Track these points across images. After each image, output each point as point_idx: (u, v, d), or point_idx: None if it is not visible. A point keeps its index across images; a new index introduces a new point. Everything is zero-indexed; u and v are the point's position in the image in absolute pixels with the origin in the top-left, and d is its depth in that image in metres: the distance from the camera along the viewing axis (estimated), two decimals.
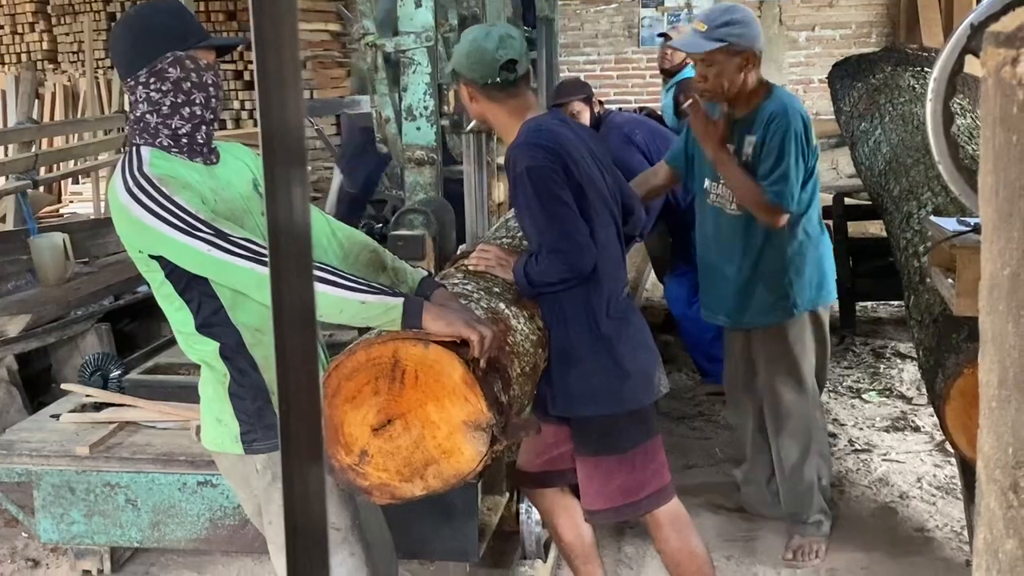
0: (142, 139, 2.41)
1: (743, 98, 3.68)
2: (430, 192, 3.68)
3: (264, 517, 2.57)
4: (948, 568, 3.80)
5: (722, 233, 3.80)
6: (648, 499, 3.07)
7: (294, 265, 0.91)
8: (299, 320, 0.93)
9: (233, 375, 2.46)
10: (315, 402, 0.94)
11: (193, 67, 2.40)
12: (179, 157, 2.40)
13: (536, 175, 2.83)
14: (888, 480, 4.57)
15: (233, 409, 2.47)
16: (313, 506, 0.93)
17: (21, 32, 12.26)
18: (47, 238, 5.59)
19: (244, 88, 10.92)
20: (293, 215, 0.92)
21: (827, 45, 10.47)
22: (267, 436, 2.46)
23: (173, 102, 2.38)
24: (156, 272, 2.38)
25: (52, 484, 3.48)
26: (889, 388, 5.75)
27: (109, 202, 2.40)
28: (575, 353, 2.94)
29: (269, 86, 0.90)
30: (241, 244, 2.25)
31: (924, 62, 5.81)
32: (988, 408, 0.88)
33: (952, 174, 2.26)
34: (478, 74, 2.92)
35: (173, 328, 2.51)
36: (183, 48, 2.39)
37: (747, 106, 3.68)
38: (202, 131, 2.44)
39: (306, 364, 0.94)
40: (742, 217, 3.71)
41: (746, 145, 3.66)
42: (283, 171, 0.90)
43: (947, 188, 4.08)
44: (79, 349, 5.27)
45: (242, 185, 2.51)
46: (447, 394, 2.37)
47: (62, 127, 10.51)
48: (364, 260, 2.65)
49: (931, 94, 2.13)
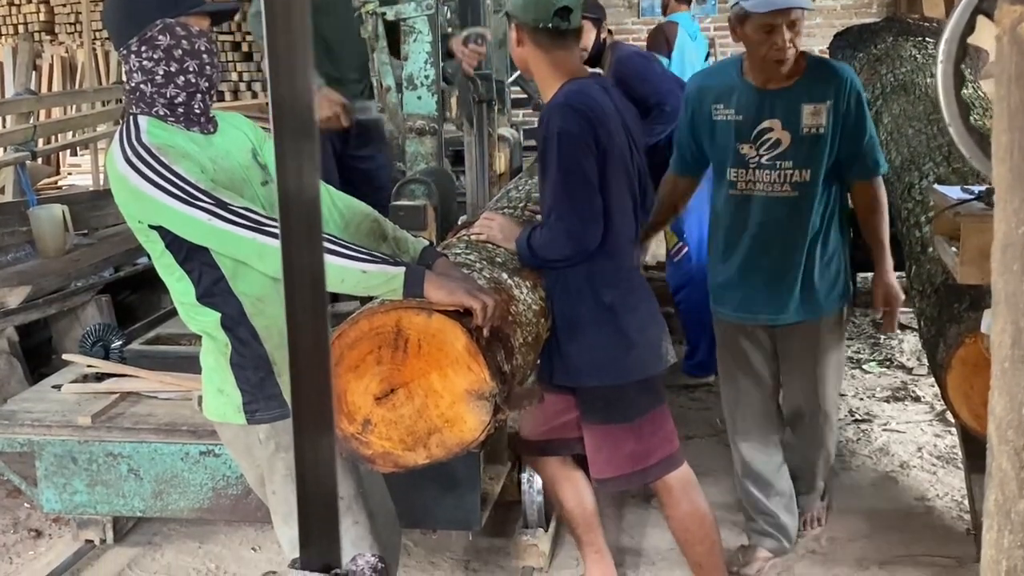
0: (138, 108, 2.39)
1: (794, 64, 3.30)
2: (431, 162, 3.66)
3: (268, 487, 2.57)
4: (948, 537, 3.82)
5: (769, 222, 3.36)
6: (657, 466, 3.08)
7: (304, 232, 0.91)
8: (309, 287, 0.93)
9: (235, 345, 2.45)
10: (325, 368, 0.94)
11: (184, 34, 2.36)
12: (176, 126, 2.39)
13: (566, 140, 2.80)
14: (888, 450, 4.59)
15: (235, 379, 2.47)
16: (323, 471, 0.93)
17: (18, 3, 12.21)
18: (46, 210, 5.57)
19: (242, 60, 10.88)
20: (303, 183, 0.92)
21: (828, 15, 10.41)
22: (269, 407, 2.46)
23: (167, 71, 2.36)
24: (156, 243, 2.37)
25: (54, 454, 3.49)
26: (889, 359, 5.76)
27: (108, 172, 2.39)
28: (579, 324, 2.94)
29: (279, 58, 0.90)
30: (241, 213, 2.24)
31: (926, 32, 5.77)
32: (1000, 369, 0.88)
33: (963, 136, 2.25)
34: (531, 15, 2.89)
35: (174, 299, 2.50)
36: (173, 15, 2.36)
37: (794, 72, 3.29)
38: (197, 99, 2.41)
39: (316, 330, 0.94)
40: (794, 200, 3.33)
41: (805, 115, 3.26)
42: (292, 141, 0.91)
43: (949, 158, 4.08)
44: (79, 321, 5.27)
45: (241, 155, 2.49)
46: (450, 363, 2.37)
47: (60, 98, 10.47)
48: (365, 230, 2.64)
49: (942, 55, 2.11)
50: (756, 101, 3.31)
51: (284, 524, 2.57)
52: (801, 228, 3.34)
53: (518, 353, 2.63)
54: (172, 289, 2.48)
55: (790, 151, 3.29)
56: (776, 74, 3.27)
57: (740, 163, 3.36)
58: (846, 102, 3.26)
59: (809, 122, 3.26)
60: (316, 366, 0.93)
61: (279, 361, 2.43)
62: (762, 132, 3.31)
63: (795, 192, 3.31)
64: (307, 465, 0.93)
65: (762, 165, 3.32)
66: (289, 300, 0.93)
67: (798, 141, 3.28)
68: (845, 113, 3.26)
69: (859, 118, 3.29)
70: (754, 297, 3.45)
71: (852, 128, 3.29)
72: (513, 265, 2.92)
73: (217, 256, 2.37)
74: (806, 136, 3.27)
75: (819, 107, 3.26)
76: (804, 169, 3.29)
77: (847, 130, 3.28)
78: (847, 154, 3.31)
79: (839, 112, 3.26)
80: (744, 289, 3.46)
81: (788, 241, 3.36)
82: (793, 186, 3.31)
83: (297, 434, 0.92)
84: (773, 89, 3.30)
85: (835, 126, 3.26)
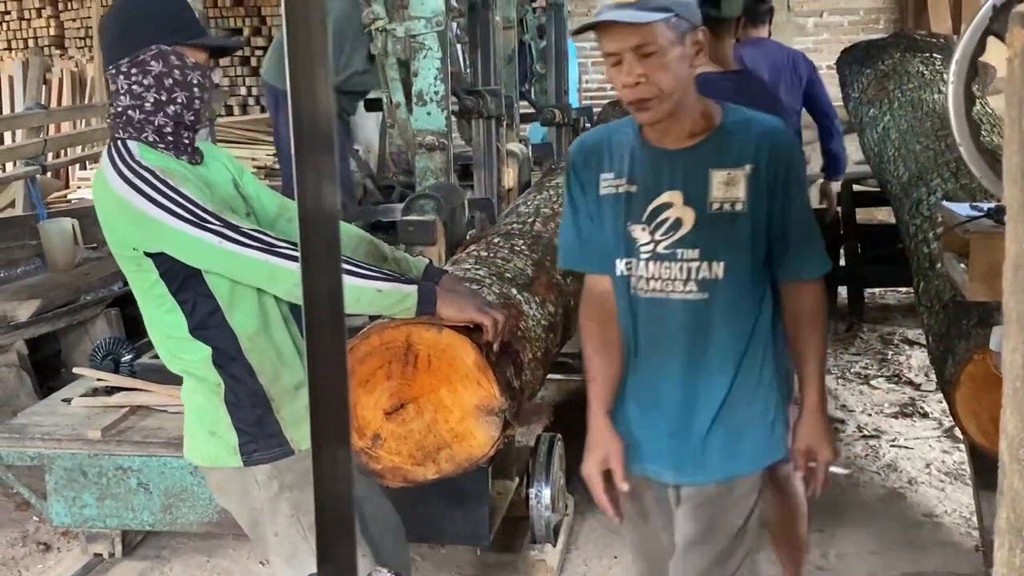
0: (126, 133, 2.30)
1: (690, 112, 2.25)
2: (440, 177, 3.68)
3: (269, 528, 2.45)
4: (957, 553, 3.81)
5: (667, 338, 2.31)
6: None
7: (324, 246, 0.92)
8: (327, 301, 0.94)
9: (228, 383, 2.35)
10: (343, 383, 0.95)
11: (178, 64, 2.28)
12: (166, 153, 2.30)
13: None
14: (897, 466, 4.58)
15: (231, 419, 2.36)
16: (341, 486, 0.94)
17: (28, 18, 12.26)
18: (56, 223, 5.60)
19: (251, 75, 10.91)
20: (321, 197, 0.93)
21: (835, 31, 10.44)
22: (269, 445, 2.37)
23: (156, 99, 2.27)
24: (148, 272, 2.28)
25: (64, 468, 3.50)
26: (897, 374, 5.76)
27: (97, 198, 2.31)
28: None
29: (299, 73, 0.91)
30: (252, 235, 2.20)
31: (933, 48, 5.79)
32: (1013, 388, 0.89)
33: (973, 156, 2.25)
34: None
35: (158, 333, 2.40)
36: (170, 42, 2.27)
37: (703, 126, 2.27)
38: (183, 133, 2.33)
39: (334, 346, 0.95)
40: (702, 306, 2.27)
41: (715, 186, 2.23)
42: (312, 155, 0.92)
43: (956, 174, 4.09)
44: (88, 334, 5.29)
45: (225, 186, 2.42)
46: (460, 378, 2.38)
47: (70, 112, 10.51)
48: (363, 252, 2.59)
49: (952, 76, 2.12)
50: (653, 166, 2.28)
51: (287, 566, 2.46)
52: (715, 347, 2.30)
53: (527, 369, 2.64)
54: (160, 322, 2.37)
55: (693, 235, 2.24)
56: (665, 128, 2.25)
57: (630, 252, 2.30)
58: (773, 169, 2.23)
59: (720, 195, 2.23)
60: (335, 381, 0.94)
61: (276, 396, 2.36)
62: (658, 209, 2.26)
63: (703, 293, 2.26)
64: (325, 480, 0.94)
65: (658, 255, 2.27)
66: (308, 314, 0.94)
67: (705, 222, 2.24)
68: (771, 184, 2.23)
69: (792, 192, 2.27)
70: (650, 442, 2.38)
71: (782, 206, 2.26)
72: (522, 280, 2.94)
73: (213, 286, 2.29)
74: (716, 215, 2.23)
75: (734, 174, 2.23)
76: (715, 262, 2.25)
77: (775, 209, 2.25)
78: (776, 243, 2.28)
79: (762, 182, 2.23)
80: (640, 429, 2.38)
81: (696, 365, 2.31)
82: (701, 285, 2.26)
83: (316, 449, 0.93)
84: (672, 149, 2.27)
85: (757, 202, 2.23)
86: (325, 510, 0.93)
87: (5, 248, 5.51)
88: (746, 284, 2.28)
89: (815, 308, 2.35)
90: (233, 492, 2.47)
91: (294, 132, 0.93)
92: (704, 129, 2.25)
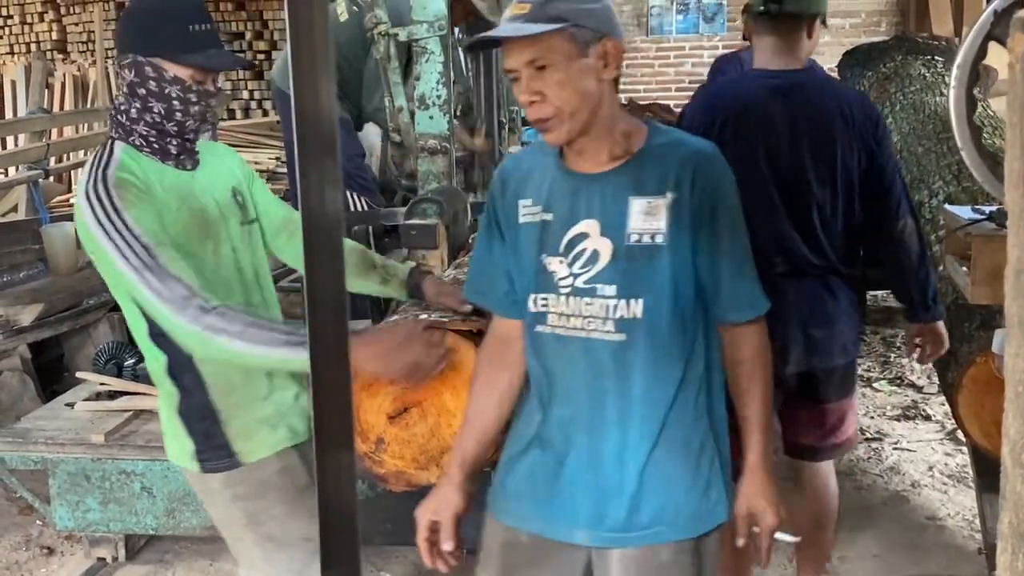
0: (117, 134, 2.31)
1: (607, 132, 2.01)
2: (443, 181, 3.69)
3: (227, 533, 2.51)
4: (960, 556, 3.81)
5: (580, 383, 2.05)
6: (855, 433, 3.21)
7: (327, 247, 0.92)
8: (331, 302, 0.94)
9: (180, 394, 2.38)
10: (346, 386, 0.95)
11: (153, 76, 2.24)
12: (151, 158, 2.30)
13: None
14: (899, 469, 4.58)
15: (185, 428, 2.39)
16: (345, 490, 0.94)
17: (31, 22, 12.27)
18: (59, 227, 5.60)
19: (254, 78, 10.92)
20: (324, 199, 0.93)
21: (836, 34, 10.43)
22: (218, 456, 2.38)
23: (137, 107, 2.28)
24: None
25: (68, 472, 3.51)
26: (900, 377, 5.76)
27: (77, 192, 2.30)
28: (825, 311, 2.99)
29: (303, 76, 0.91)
30: (169, 278, 2.14)
31: (934, 51, 5.80)
32: (1015, 392, 0.89)
33: (976, 162, 2.26)
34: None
35: (134, 332, 2.41)
36: (145, 54, 2.23)
37: (619, 146, 2.02)
38: (168, 139, 2.31)
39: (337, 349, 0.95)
40: (619, 347, 2.00)
41: (634, 216, 1.98)
42: (315, 157, 0.92)
43: (958, 177, 4.09)
44: (91, 338, 5.30)
45: (220, 192, 2.39)
46: (463, 383, 2.38)
47: (73, 117, 10.52)
48: (355, 261, 2.62)
49: (954, 81, 2.12)
50: (571, 192, 2.04)
51: (251, 568, 2.50)
52: (637, 396, 2.02)
53: None
54: (129, 322, 2.38)
55: (610, 270, 2.00)
56: (580, 150, 2.03)
57: (548, 286, 2.05)
58: (698, 197, 1.97)
59: (639, 226, 1.98)
60: (338, 385, 0.95)
61: (225, 409, 2.36)
62: (575, 240, 2.03)
63: (621, 335, 2.00)
64: (328, 484, 0.94)
65: (577, 290, 2.02)
66: (311, 319, 0.94)
67: (622, 254, 1.99)
68: (696, 213, 1.97)
69: (720, 224, 2.00)
70: (559, 497, 2.10)
71: (709, 240, 2.00)
72: None
73: None
74: (635, 247, 1.98)
75: (655, 203, 1.97)
76: (632, 299, 1.99)
77: (701, 243, 1.99)
78: (706, 281, 2.02)
79: (684, 211, 1.97)
80: (546, 482, 2.11)
81: (616, 415, 2.03)
82: (618, 325, 2.00)
83: (319, 453, 0.93)
84: (590, 174, 2.03)
85: (679, 234, 1.97)
86: (329, 514, 0.93)
87: (8, 252, 5.51)
88: (670, 326, 1.99)
89: (755, 353, 2.09)
90: (202, 492, 2.52)
91: (297, 136, 0.93)
92: (626, 152, 2.01)
